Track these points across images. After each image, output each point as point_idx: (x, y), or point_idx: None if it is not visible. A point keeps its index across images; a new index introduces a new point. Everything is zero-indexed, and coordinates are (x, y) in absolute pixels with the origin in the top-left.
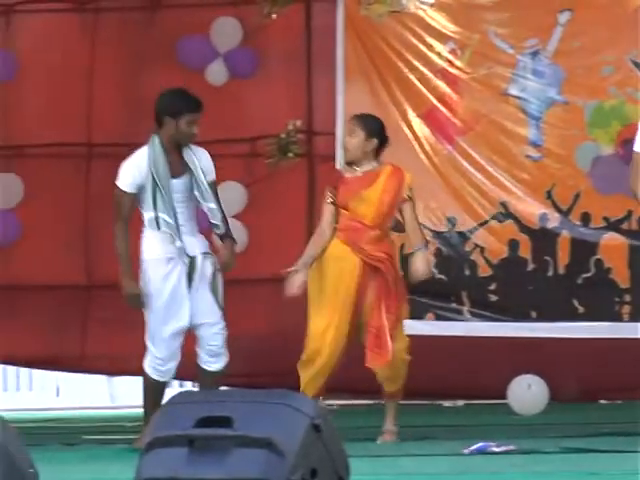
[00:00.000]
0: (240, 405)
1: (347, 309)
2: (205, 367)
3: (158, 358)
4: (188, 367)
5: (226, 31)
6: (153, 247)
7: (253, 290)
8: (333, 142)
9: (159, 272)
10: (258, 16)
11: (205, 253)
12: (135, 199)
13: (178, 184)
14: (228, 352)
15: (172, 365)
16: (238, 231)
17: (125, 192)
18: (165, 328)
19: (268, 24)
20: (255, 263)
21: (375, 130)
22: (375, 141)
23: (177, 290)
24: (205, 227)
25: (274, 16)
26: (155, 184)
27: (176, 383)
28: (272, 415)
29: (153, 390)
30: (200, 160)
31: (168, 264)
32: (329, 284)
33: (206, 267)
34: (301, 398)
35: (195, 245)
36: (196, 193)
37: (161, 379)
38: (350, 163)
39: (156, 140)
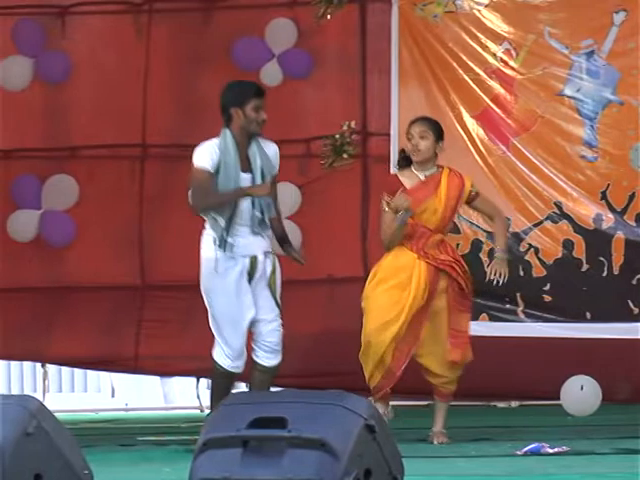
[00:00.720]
0: (294, 406)
1: (413, 312)
2: (260, 362)
3: (230, 349)
4: (245, 368)
5: (281, 32)
6: (237, 239)
7: (308, 291)
8: (387, 143)
9: (219, 269)
10: (313, 17)
11: (266, 252)
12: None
13: (246, 179)
14: (283, 352)
15: (243, 358)
16: (292, 232)
17: (207, 170)
18: (233, 320)
19: (323, 25)
20: (309, 264)
21: (441, 134)
22: (441, 145)
23: (240, 284)
24: None
25: (329, 17)
26: (224, 177)
27: None
28: (326, 416)
29: (224, 383)
30: (268, 152)
31: (229, 262)
32: (393, 290)
33: (267, 266)
34: (355, 399)
35: (256, 244)
36: None
37: (234, 370)
38: (419, 163)
39: (227, 133)
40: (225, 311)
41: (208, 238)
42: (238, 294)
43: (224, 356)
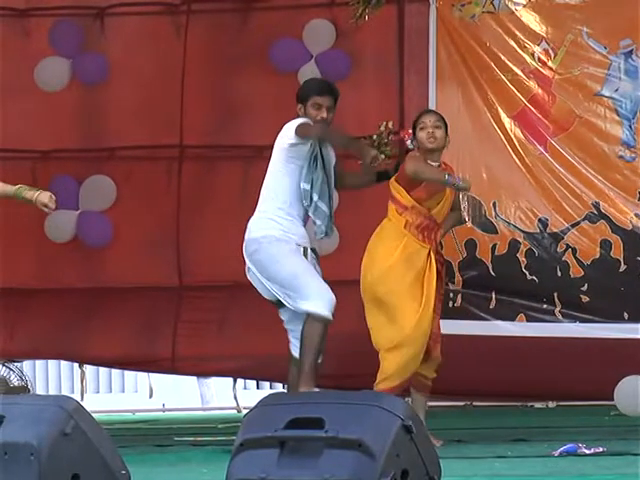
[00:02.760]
0: (331, 406)
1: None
2: (297, 355)
3: (333, 302)
4: (282, 368)
5: (319, 33)
6: (284, 227)
7: (345, 291)
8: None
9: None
10: (351, 18)
11: (312, 248)
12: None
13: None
14: None
15: None
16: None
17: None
18: (313, 272)
19: (361, 26)
20: (346, 264)
21: (447, 128)
22: (448, 139)
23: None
24: None
25: (367, 18)
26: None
27: (267, 384)
28: (363, 416)
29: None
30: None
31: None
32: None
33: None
34: (392, 399)
35: (308, 236)
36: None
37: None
38: (431, 151)
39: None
40: (305, 265)
41: (267, 221)
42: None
43: (330, 304)
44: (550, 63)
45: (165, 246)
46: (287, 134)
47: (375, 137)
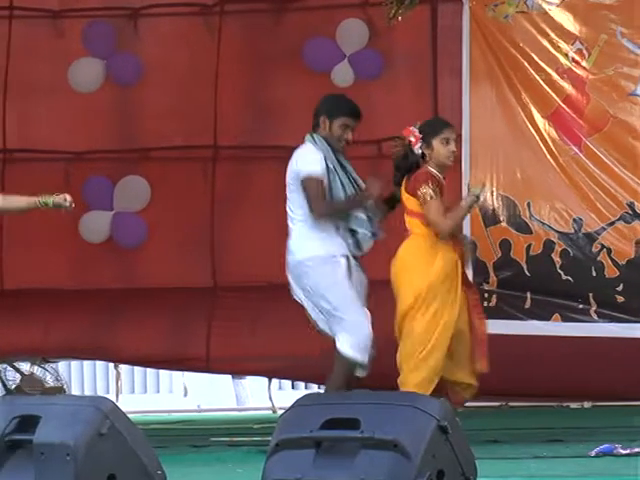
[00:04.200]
0: (367, 407)
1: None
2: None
3: (364, 343)
4: (316, 368)
5: (352, 33)
6: (324, 244)
7: (381, 291)
8: (459, 143)
9: (336, 264)
10: (384, 18)
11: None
12: None
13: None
14: None
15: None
16: None
17: (321, 180)
18: (361, 308)
19: (394, 26)
20: (381, 265)
21: None
22: None
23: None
24: None
25: (400, 18)
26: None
27: (302, 385)
28: (399, 417)
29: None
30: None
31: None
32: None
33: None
34: (428, 399)
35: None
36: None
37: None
38: (445, 167)
39: (316, 137)
40: (348, 295)
41: (307, 241)
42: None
43: (364, 344)
44: (584, 63)
45: (199, 247)
46: (300, 172)
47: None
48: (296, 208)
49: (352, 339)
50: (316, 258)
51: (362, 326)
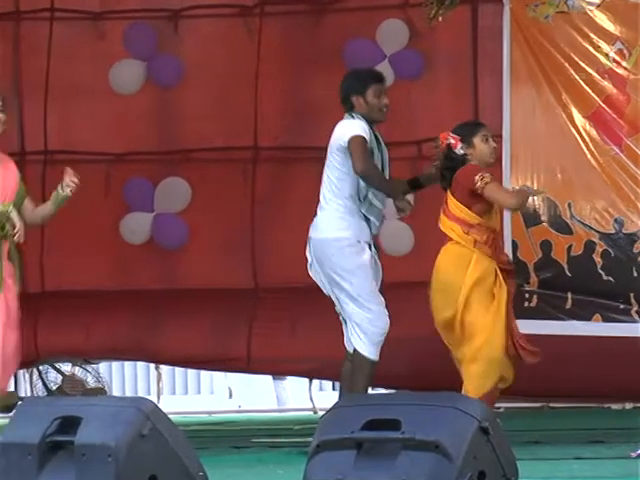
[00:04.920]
0: (408, 408)
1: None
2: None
3: (382, 334)
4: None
5: (393, 33)
6: (353, 228)
7: (419, 292)
8: (500, 144)
9: (362, 250)
10: (424, 18)
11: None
12: None
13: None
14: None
15: None
16: (405, 233)
17: (367, 140)
18: (381, 304)
19: (434, 26)
20: (421, 265)
21: None
22: None
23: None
24: None
25: (440, 19)
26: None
27: (329, 385)
28: (440, 418)
29: (371, 376)
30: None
31: (359, 244)
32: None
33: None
34: (469, 400)
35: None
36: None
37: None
38: (488, 165)
39: (354, 114)
40: (369, 283)
41: (337, 220)
42: (375, 278)
43: (378, 343)
44: (624, 63)
45: (240, 248)
46: (345, 137)
47: None
48: (331, 186)
49: (368, 334)
50: (344, 240)
51: (381, 317)
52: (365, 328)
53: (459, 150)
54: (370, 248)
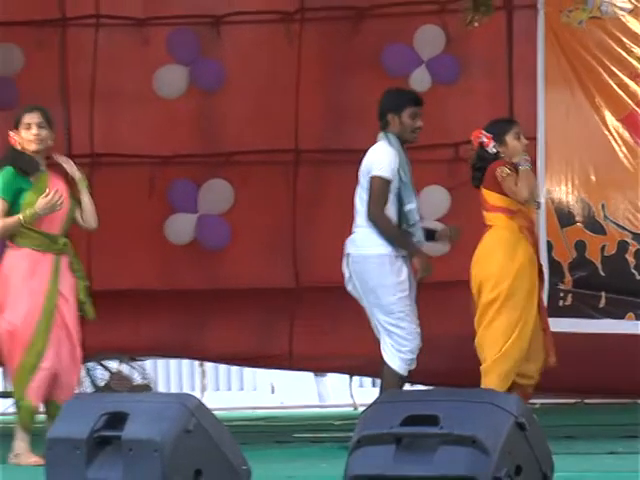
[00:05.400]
0: (446, 404)
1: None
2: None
3: (413, 351)
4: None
5: (429, 39)
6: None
7: (456, 291)
8: (534, 146)
9: (401, 266)
10: (461, 24)
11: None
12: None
13: None
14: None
15: None
16: None
17: (389, 181)
18: (415, 323)
19: (470, 31)
20: (458, 265)
21: None
22: None
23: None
24: None
25: (476, 24)
26: (399, 178)
27: (369, 381)
28: (477, 413)
29: (400, 385)
30: None
31: (398, 260)
32: (525, 287)
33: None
34: (505, 396)
35: None
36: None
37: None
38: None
39: (391, 137)
40: (404, 303)
41: (374, 237)
42: (411, 292)
43: (407, 359)
44: None
45: (282, 248)
46: (372, 169)
47: None
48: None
49: (398, 351)
50: (383, 256)
51: (414, 336)
52: (397, 345)
53: (491, 149)
54: (406, 262)
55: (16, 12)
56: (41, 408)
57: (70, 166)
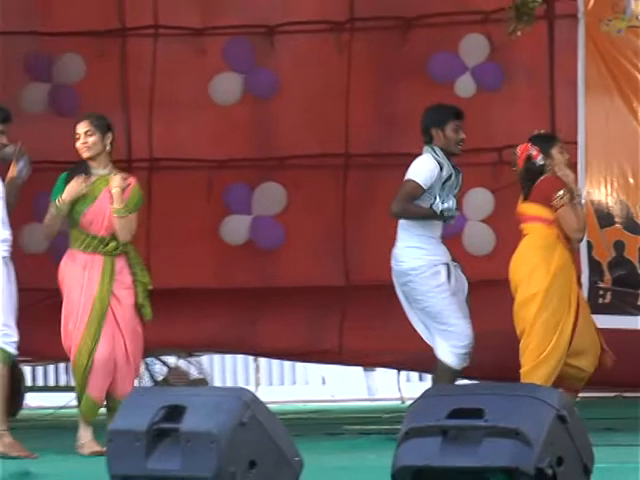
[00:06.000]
0: (490, 397)
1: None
2: None
3: (466, 347)
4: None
5: (474, 47)
6: (427, 254)
7: (502, 289)
8: (575, 150)
9: (437, 273)
10: (504, 33)
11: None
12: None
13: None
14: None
15: None
16: (487, 234)
17: (422, 188)
18: (465, 320)
19: (513, 40)
20: (503, 263)
21: None
22: None
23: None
24: None
25: (519, 33)
26: (442, 187)
27: (429, 377)
28: (520, 407)
29: (452, 381)
30: None
31: (436, 266)
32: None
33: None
34: (548, 390)
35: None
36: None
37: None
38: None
39: (438, 149)
40: (449, 302)
41: (413, 250)
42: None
43: (462, 352)
44: None
45: (332, 248)
46: (415, 174)
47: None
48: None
49: (452, 347)
50: (419, 267)
51: (463, 333)
52: (449, 342)
53: (539, 161)
54: (449, 267)
55: (78, 23)
56: (103, 402)
57: (118, 184)
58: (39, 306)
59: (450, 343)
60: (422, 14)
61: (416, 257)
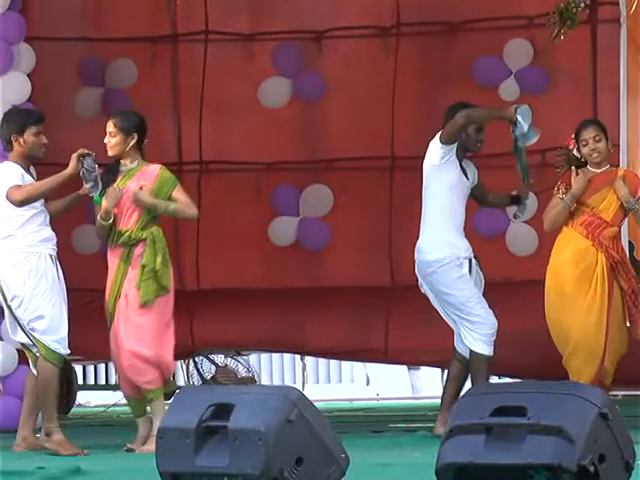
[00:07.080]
0: (533, 395)
1: (600, 305)
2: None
3: (494, 334)
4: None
5: (518, 51)
6: (451, 247)
7: (544, 289)
8: (617, 153)
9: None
10: (548, 37)
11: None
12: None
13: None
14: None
15: None
16: (529, 235)
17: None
18: (486, 306)
19: (557, 44)
20: (545, 265)
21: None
22: (610, 144)
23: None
24: None
25: (562, 37)
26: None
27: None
28: (563, 405)
29: (489, 369)
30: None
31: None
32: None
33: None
34: (589, 389)
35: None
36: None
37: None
38: (597, 164)
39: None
40: (471, 292)
41: (437, 242)
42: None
43: (491, 340)
44: None
45: (378, 249)
46: (433, 150)
47: (571, 148)
48: (429, 207)
49: (481, 335)
50: (443, 259)
51: (489, 319)
52: (477, 331)
53: (576, 153)
54: (470, 262)
55: (130, 29)
56: (132, 395)
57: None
58: (91, 306)
59: (479, 332)
60: (467, 19)
61: (440, 249)
